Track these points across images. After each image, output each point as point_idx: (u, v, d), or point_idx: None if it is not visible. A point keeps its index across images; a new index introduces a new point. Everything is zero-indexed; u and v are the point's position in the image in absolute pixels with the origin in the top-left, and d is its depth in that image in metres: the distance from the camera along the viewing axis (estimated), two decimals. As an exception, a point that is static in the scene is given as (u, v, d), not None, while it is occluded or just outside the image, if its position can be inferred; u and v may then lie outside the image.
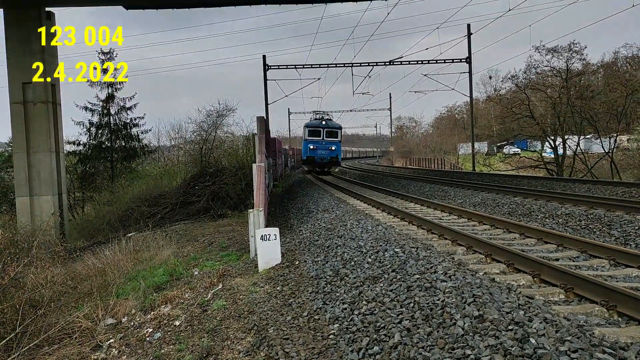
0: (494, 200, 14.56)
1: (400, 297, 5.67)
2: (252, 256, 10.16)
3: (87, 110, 35.81)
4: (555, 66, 34.91)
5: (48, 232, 16.50)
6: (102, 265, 11.86)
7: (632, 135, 37.10)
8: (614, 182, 18.75)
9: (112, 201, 24.76)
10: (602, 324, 4.74)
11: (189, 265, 11.23)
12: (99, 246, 16.09)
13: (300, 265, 8.87)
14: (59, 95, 22.27)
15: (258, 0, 22.99)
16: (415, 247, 7.55)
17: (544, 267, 6.28)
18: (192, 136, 31.03)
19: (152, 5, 22.72)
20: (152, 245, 13.61)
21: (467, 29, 35.63)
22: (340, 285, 6.98)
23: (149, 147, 38.81)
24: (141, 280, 9.98)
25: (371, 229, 9.69)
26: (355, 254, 8.09)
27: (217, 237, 14.65)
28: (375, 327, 5.23)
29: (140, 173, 32.74)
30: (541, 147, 38.54)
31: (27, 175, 21.00)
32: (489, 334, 4.25)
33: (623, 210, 10.89)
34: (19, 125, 21.10)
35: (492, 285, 5.40)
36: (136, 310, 8.39)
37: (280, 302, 7.12)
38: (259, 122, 17.87)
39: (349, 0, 23.43)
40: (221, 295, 7.92)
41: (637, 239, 8.71)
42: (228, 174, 21.30)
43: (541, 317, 4.34)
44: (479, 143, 51.93)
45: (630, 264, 6.77)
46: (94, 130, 36.06)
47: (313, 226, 12.14)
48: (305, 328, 6.00)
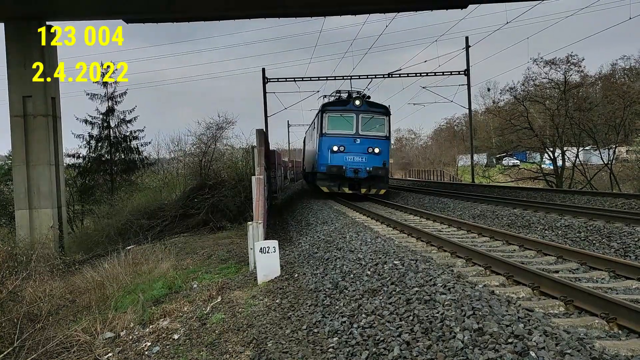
0: (493, 212, 14.55)
1: (400, 310, 5.65)
2: (251, 269, 10.14)
3: (87, 123, 35.94)
4: (553, 78, 35.12)
5: (47, 245, 16.46)
6: (100, 279, 11.83)
7: (631, 146, 37.18)
8: (614, 194, 18.77)
9: (112, 214, 24.72)
10: (603, 337, 4.73)
11: (188, 278, 11.19)
12: (97, 259, 16.04)
13: (300, 277, 8.84)
14: (59, 109, 22.33)
15: (257, 14, 23.14)
16: (415, 259, 7.53)
17: (543, 280, 6.26)
18: (191, 149, 31.07)
19: (152, 19, 22.86)
20: (151, 258, 13.57)
21: (465, 42, 35.85)
22: (339, 298, 6.96)
23: (149, 159, 38.87)
24: (140, 294, 9.94)
25: (370, 241, 9.68)
26: (355, 266, 8.07)
27: (216, 249, 14.62)
28: (375, 340, 5.21)
29: (140, 186, 32.74)
30: (540, 159, 38.63)
31: (27, 188, 20.99)
32: (489, 347, 4.23)
33: (623, 221, 10.88)
34: (19, 139, 21.13)
35: (492, 297, 5.38)
36: (135, 323, 8.36)
37: (280, 315, 7.09)
38: (258, 135, 17.93)
39: (348, 13, 23.57)
40: (220, 309, 7.89)
41: (636, 251, 8.69)
42: (227, 187, 21.30)
43: (541, 330, 4.32)
44: (478, 155, 52.03)
45: (630, 276, 6.75)
46: (93, 143, 36.15)
47: (312, 238, 12.12)
48: (305, 342, 5.97)
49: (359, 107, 20.58)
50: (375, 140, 20.55)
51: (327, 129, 20.60)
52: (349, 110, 20.59)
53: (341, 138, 20.37)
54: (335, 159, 20.13)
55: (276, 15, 23.30)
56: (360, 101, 20.70)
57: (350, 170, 20.06)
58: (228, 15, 22.91)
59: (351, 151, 20.21)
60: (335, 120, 20.62)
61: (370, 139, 20.45)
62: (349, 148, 20.23)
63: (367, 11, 23.41)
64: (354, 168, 20.06)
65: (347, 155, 20.16)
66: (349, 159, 20.15)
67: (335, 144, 20.28)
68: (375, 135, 20.67)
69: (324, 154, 20.43)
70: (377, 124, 20.81)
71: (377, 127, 20.78)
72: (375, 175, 20.32)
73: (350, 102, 20.79)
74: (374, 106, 21.11)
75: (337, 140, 20.36)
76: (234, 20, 23.88)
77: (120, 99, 36.49)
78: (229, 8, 21.57)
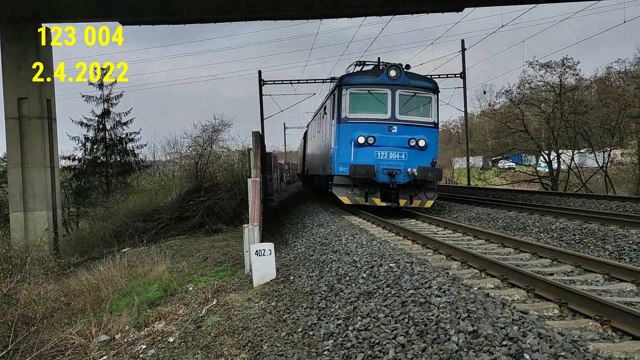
0: (488, 215, 14.59)
1: (395, 313, 5.66)
2: (247, 271, 10.13)
3: (82, 125, 35.80)
4: (548, 81, 35.31)
5: (42, 247, 16.44)
6: (95, 281, 11.80)
7: (626, 149, 37.37)
8: (608, 196, 18.85)
9: (107, 216, 24.66)
10: (596, 339, 4.74)
11: (184, 281, 11.18)
12: (93, 262, 16.00)
13: (295, 280, 8.84)
14: (55, 111, 22.27)
15: (253, 17, 23.16)
16: (410, 262, 7.54)
17: (538, 282, 6.28)
18: (187, 151, 31.04)
19: (148, 21, 22.85)
20: (147, 260, 13.55)
21: (461, 45, 35.99)
22: (334, 301, 6.96)
23: (145, 162, 38.77)
24: (135, 296, 9.93)
25: (366, 243, 9.69)
26: (350, 269, 8.07)
27: (212, 252, 14.60)
28: (370, 343, 5.21)
29: (136, 188, 32.67)
30: (536, 162, 38.77)
31: (22, 191, 20.91)
32: (483, 349, 4.24)
33: (617, 224, 10.93)
34: (14, 141, 21.06)
35: (487, 300, 5.40)
36: (130, 326, 8.34)
37: (275, 317, 7.08)
38: (255, 137, 17.95)
39: (344, 16, 23.63)
40: (215, 311, 7.88)
41: (631, 254, 8.73)
42: (223, 189, 21.31)
43: (535, 333, 4.34)
44: (473, 157, 52.15)
45: (624, 279, 6.78)
46: (89, 146, 36.01)
47: (308, 241, 12.12)
48: (300, 344, 5.97)
49: (396, 79, 14.54)
50: (420, 128, 14.71)
51: (349, 111, 14.71)
52: (381, 84, 14.58)
53: (370, 125, 14.50)
54: (362, 156, 14.38)
55: (272, 17, 23.32)
56: (396, 72, 14.63)
57: (384, 173, 14.26)
58: (224, 17, 22.92)
59: (385, 144, 14.43)
60: (360, 99, 14.74)
61: (412, 127, 14.62)
62: (381, 140, 14.43)
63: (363, 14, 23.45)
64: (389, 169, 14.28)
65: (379, 150, 14.39)
66: (382, 156, 14.38)
67: (362, 133, 14.36)
68: (420, 121, 14.81)
69: (344, 148, 14.61)
70: (421, 105, 14.93)
71: (421, 109, 14.94)
72: (421, 180, 14.31)
73: (383, 72, 14.79)
74: (416, 79, 15.05)
75: (364, 128, 14.45)
76: (230, 22, 23.90)
77: (116, 101, 36.38)
78: (225, 10, 21.58)
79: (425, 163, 14.49)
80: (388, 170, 14.31)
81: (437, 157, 15.19)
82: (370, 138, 14.40)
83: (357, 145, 14.43)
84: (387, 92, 14.59)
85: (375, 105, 14.66)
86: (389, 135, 14.51)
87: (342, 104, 14.88)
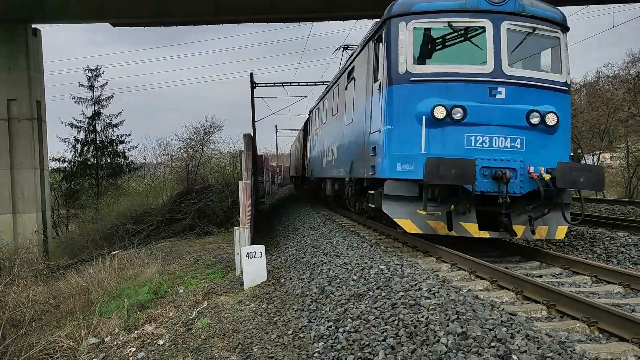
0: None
1: (385, 315, 5.68)
2: (237, 274, 10.12)
3: (72, 127, 35.67)
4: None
5: (31, 250, 16.33)
6: (85, 284, 11.74)
7: (615, 153, 37.70)
8: (597, 199, 18.99)
9: (97, 218, 24.54)
10: (583, 340, 4.79)
11: (174, 283, 11.15)
12: (82, 264, 15.92)
13: (286, 282, 8.84)
14: (45, 112, 22.16)
15: (245, 19, 23.17)
16: (400, 264, 7.57)
17: (526, 284, 6.33)
18: (178, 153, 30.98)
19: (139, 23, 22.79)
20: (137, 263, 13.50)
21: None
22: (325, 303, 6.97)
23: (135, 164, 38.64)
24: (125, 299, 9.89)
25: (357, 246, 9.71)
26: (341, 271, 8.09)
27: (202, 254, 14.57)
28: (360, 345, 5.23)
29: (126, 190, 32.54)
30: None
31: (11, 193, 20.78)
32: (472, 350, 4.28)
33: (605, 227, 11.05)
34: (3, 142, 20.93)
35: (476, 302, 5.43)
36: (119, 329, 8.31)
37: (266, 320, 7.08)
38: (246, 140, 17.95)
39: (336, 19, 23.69)
40: (206, 314, 7.87)
41: (619, 256, 8.82)
42: (214, 191, 21.28)
43: (523, 334, 4.38)
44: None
45: (612, 281, 6.85)
46: (79, 147, 35.89)
47: (299, 243, 12.13)
48: (290, 346, 5.98)
49: (501, 2, 8.07)
50: (546, 92, 8.33)
51: (414, 61, 8.29)
52: (473, 11, 8.11)
53: (456, 86, 8.11)
54: (442, 143, 8.06)
55: (265, 20, 23.36)
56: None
57: (484, 176, 7.93)
58: (216, 19, 22.90)
59: (484, 121, 8.04)
60: (435, 40, 8.58)
61: (532, 89, 8.22)
62: (477, 113, 8.02)
63: (355, 17, 23.53)
64: (493, 168, 7.93)
65: (473, 133, 8.05)
66: (479, 143, 8.07)
67: (441, 100, 7.99)
68: (545, 80, 8.41)
69: (406, 128, 8.24)
70: (545, 50, 8.78)
71: (545, 57, 8.81)
72: (560, 188, 8.07)
73: None
74: (534, 4, 8.46)
75: (443, 91, 8.11)
76: (222, 24, 23.89)
77: (106, 102, 36.32)
78: (217, 12, 21.57)
79: (559, 156, 8.22)
80: (492, 169, 7.96)
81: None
82: (456, 110, 7.97)
83: (431, 122, 8.01)
84: (485, 25, 8.12)
85: (464, 49, 8.36)
86: (492, 105, 8.04)
87: (397, 49, 8.33)
